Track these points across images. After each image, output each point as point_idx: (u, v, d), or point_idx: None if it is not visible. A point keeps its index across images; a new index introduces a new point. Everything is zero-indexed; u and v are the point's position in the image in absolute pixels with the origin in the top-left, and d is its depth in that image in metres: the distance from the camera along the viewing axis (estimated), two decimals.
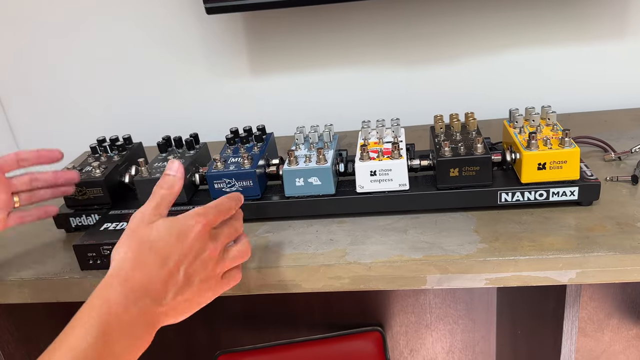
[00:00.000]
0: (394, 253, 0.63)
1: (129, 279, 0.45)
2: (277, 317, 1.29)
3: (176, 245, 0.48)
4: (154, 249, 0.47)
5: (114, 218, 0.71)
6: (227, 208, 0.55)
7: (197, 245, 0.49)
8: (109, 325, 0.42)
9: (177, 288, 0.48)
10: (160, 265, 0.47)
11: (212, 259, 0.51)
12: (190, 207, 0.61)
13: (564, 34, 1.01)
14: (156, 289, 0.46)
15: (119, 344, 0.43)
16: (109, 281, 0.45)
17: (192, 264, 0.49)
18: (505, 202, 0.68)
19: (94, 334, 0.41)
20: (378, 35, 1.04)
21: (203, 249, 0.50)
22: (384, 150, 0.71)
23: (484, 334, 1.27)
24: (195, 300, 0.51)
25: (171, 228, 0.49)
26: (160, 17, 1.06)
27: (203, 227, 0.50)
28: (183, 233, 0.49)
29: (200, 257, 0.50)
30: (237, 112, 1.13)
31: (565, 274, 0.60)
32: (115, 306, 0.43)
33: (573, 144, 0.66)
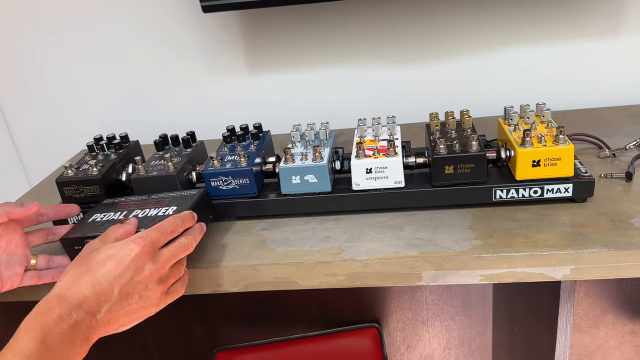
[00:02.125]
0: (389, 250, 0.64)
1: (65, 296, 0.50)
2: (274, 314, 1.30)
3: (112, 267, 0.52)
4: (90, 271, 0.52)
5: (105, 208, 0.71)
6: (172, 227, 0.58)
7: (134, 266, 0.53)
8: (49, 333, 0.46)
9: (110, 304, 0.51)
10: (93, 285, 0.51)
11: (152, 279, 0.54)
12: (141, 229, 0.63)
13: (559, 32, 1.01)
14: (89, 305, 0.50)
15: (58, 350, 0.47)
16: (49, 299, 0.50)
17: (129, 284, 0.52)
18: (499, 199, 0.69)
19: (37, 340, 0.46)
20: (373, 33, 1.05)
21: (141, 269, 0.53)
22: (379, 147, 0.72)
23: (481, 330, 1.27)
24: (135, 315, 0.54)
25: (110, 251, 0.53)
26: (156, 16, 1.06)
27: (142, 248, 0.53)
28: (120, 256, 0.53)
29: (138, 277, 0.53)
30: (233, 110, 1.13)
31: (560, 270, 0.61)
32: (53, 317, 0.48)
33: (567, 141, 0.67)
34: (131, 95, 1.14)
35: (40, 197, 0.94)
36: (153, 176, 0.73)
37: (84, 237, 0.64)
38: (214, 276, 0.66)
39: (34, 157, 1.22)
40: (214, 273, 0.66)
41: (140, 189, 0.74)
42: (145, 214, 0.67)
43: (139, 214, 0.67)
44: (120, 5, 1.06)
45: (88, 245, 0.57)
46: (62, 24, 1.09)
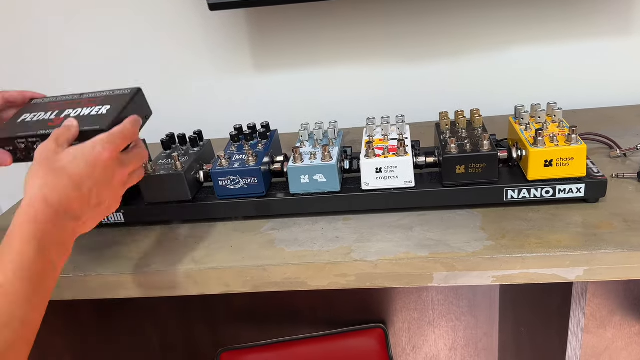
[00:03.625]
0: (400, 250, 0.63)
1: (49, 201, 0.50)
2: (280, 314, 1.29)
3: (88, 173, 0.53)
4: (67, 174, 0.52)
5: (34, 108, 0.68)
6: (131, 134, 0.60)
7: (106, 172, 0.55)
8: (43, 237, 0.48)
9: (90, 209, 0.54)
10: (74, 188, 0.52)
11: (120, 182, 0.58)
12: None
13: (569, 31, 1.00)
14: (74, 210, 0.52)
15: (52, 253, 0.48)
16: (30, 206, 0.49)
17: (103, 189, 0.55)
18: (511, 199, 0.68)
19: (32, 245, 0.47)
20: (381, 31, 1.04)
21: (113, 174, 0.56)
22: (389, 147, 0.71)
23: (487, 331, 1.27)
24: (104, 212, 0.57)
25: (82, 155, 0.54)
26: (163, 13, 1.06)
27: (110, 154, 0.55)
28: (93, 161, 0.54)
29: (111, 182, 0.56)
30: (239, 108, 1.13)
31: (573, 272, 0.60)
32: (43, 223, 0.48)
33: (580, 141, 0.66)
34: None
35: None
36: (160, 175, 0.73)
37: (14, 138, 0.62)
38: (222, 276, 0.65)
39: None
40: (223, 273, 0.65)
41: (148, 188, 0.74)
42: (77, 113, 0.65)
43: (72, 113, 0.65)
44: (126, 2, 1.06)
45: (43, 146, 0.54)
46: (67, 20, 1.09)
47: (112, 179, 0.56)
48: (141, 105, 0.68)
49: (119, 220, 0.76)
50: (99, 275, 0.67)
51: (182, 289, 0.67)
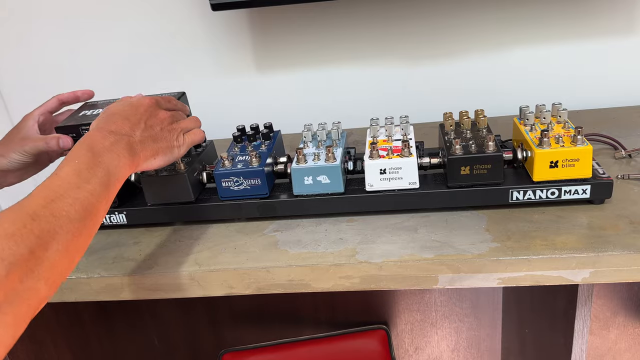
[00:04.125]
0: (405, 252, 0.63)
1: (102, 128, 0.58)
2: (282, 315, 1.29)
3: (131, 110, 0.63)
4: (116, 113, 0.62)
5: (91, 107, 0.78)
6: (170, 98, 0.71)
7: (149, 110, 0.64)
8: (94, 146, 0.55)
9: (141, 130, 0.61)
10: (124, 120, 0.61)
11: (166, 119, 0.65)
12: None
13: (572, 30, 1.00)
14: (124, 129, 0.59)
15: (105, 157, 0.54)
16: (89, 133, 0.58)
17: (149, 119, 0.63)
18: (516, 201, 0.68)
19: (84, 151, 0.54)
20: (383, 31, 1.04)
21: (156, 112, 0.65)
22: (393, 148, 0.71)
23: (490, 332, 1.26)
24: (162, 143, 0.63)
25: (125, 101, 0.65)
26: (165, 13, 1.05)
27: (150, 99, 0.66)
28: (135, 103, 0.64)
29: (155, 117, 0.64)
30: (242, 109, 1.12)
31: (579, 274, 0.60)
32: (95, 137, 0.56)
33: (585, 142, 0.65)
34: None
35: None
36: (163, 176, 0.72)
37: (78, 125, 0.72)
38: (225, 278, 0.65)
39: None
40: (226, 275, 0.65)
41: (150, 189, 0.73)
42: None
43: None
44: (128, 3, 1.05)
45: (108, 107, 0.64)
46: (70, 22, 1.08)
47: (156, 115, 0.64)
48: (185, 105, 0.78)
49: (121, 222, 0.76)
50: (102, 278, 0.67)
51: (185, 291, 0.66)
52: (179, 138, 0.66)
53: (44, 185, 0.48)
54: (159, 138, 0.63)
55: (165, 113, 0.66)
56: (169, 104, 0.70)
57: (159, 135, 0.63)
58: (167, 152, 0.64)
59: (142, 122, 0.62)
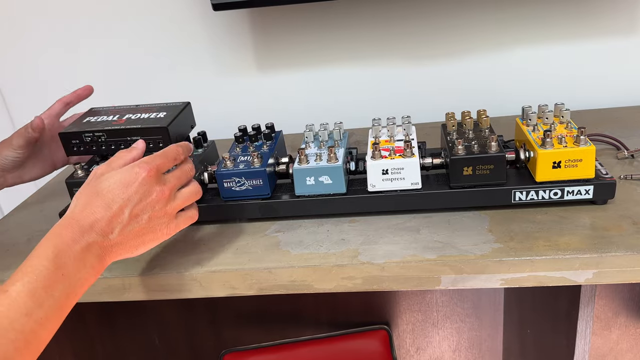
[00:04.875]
0: (407, 253, 0.62)
1: (78, 219, 0.52)
2: (283, 315, 1.28)
3: (120, 191, 0.54)
4: (100, 195, 0.54)
5: (96, 113, 0.78)
6: (174, 154, 0.60)
7: (142, 189, 0.55)
8: (60, 253, 0.49)
9: (122, 226, 0.53)
10: (105, 208, 0.53)
11: (160, 201, 0.56)
12: None
13: (574, 30, 1.00)
14: (101, 227, 0.52)
15: (69, 269, 0.49)
16: (61, 223, 0.52)
17: (138, 205, 0.54)
18: (519, 201, 0.68)
19: (47, 262, 0.48)
20: (385, 31, 1.03)
21: (149, 192, 0.55)
22: (395, 148, 0.70)
23: (491, 333, 1.26)
24: (148, 236, 0.56)
25: (117, 176, 0.55)
26: (165, 13, 1.05)
27: (148, 172, 0.55)
28: (127, 180, 0.55)
29: (147, 199, 0.55)
30: (243, 109, 1.12)
31: (582, 274, 0.60)
32: (65, 239, 0.50)
33: (588, 142, 0.65)
34: (140, 95, 1.12)
35: (47, 197, 0.93)
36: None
37: (81, 132, 0.71)
38: (228, 279, 0.65)
39: None
40: (228, 276, 0.65)
41: None
42: (138, 116, 0.74)
43: (132, 116, 0.74)
44: (129, 3, 1.05)
45: (95, 171, 0.58)
46: (70, 22, 1.08)
47: (148, 196, 0.55)
48: (189, 115, 0.79)
49: None
50: (104, 279, 0.66)
51: (187, 292, 0.66)
52: (170, 225, 0.58)
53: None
54: (144, 231, 0.55)
55: (162, 192, 0.56)
56: (174, 163, 0.60)
57: (144, 228, 0.55)
58: (150, 243, 0.57)
59: (125, 212, 0.53)
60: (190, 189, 0.61)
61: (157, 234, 0.57)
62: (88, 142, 0.74)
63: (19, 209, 0.91)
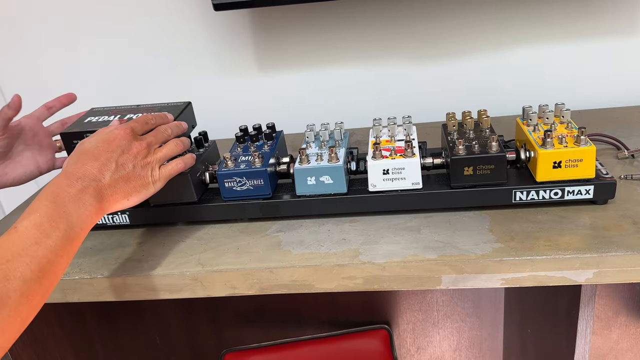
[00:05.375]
0: (408, 253, 0.63)
1: (70, 172, 0.57)
2: (283, 315, 1.29)
3: (103, 147, 0.60)
4: (86, 152, 0.59)
5: (98, 113, 0.79)
6: (144, 119, 0.67)
7: (122, 144, 0.61)
8: (58, 196, 0.53)
9: (111, 172, 0.59)
10: (93, 159, 0.58)
11: (140, 152, 0.62)
12: None
13: (575, 30, 1.00)
14: (92, 174, 0.57)
15: (69, 207, 0.53)
16: (56, 177, 0.56)
17: (121, 157, 0.60)
18: (519, 201, 0.68)
19: (47, 202, 0.52)
20: (385, 31, 1.03)
21: (129, 146, 0.61)
22: (396, 148, 0.71)
23: (491, 332, 1.26)
24: (136, 182, 0.61)
25: (98, 136, 0.62)
26: (166, 13, 1.05)
27: (124, 131, 0.62)
28: (108, 138, 0.61)
29: (128, 152, 0.61)
30: (244, 109, 1.12)
31: (582, 274, 0.60)
32: (61, 185, 0.54)
33: (589, 142, 0.65)
34: (140, 95, 1.13)
35: None
36: None
37: (82, 132, 0.72)
38: (229, 279, 0.65)
39: None
40: (229, 276, 0.65)
41: None
42: (139, 116, 0.75)
43: (133, 116, 0.74)
44: (129, 3, 1.05)
45: (81, 141, 0.63)
46: (71, 22, 1.08)
47: (129, 149, 0.61)
48: (190, 115, 0.79)
49: (124, 222, 0.76)
50: (105, 278, 0.67)
51: (188, 292, 0.66)
52: (154, 173, 0.63)
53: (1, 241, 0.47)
54: (132, 177, 0.60)
55: (139, 145, 0.62)
56: (146, 126, 0.67)
57: (131, 174, 0.60)
58: (140, 190, 0.62)
59: (112, 162, 0.59)
60: (169, 143, 0.67)
61: (144, 180, 0.62)
62: None
63: (20, 208, 0.91)
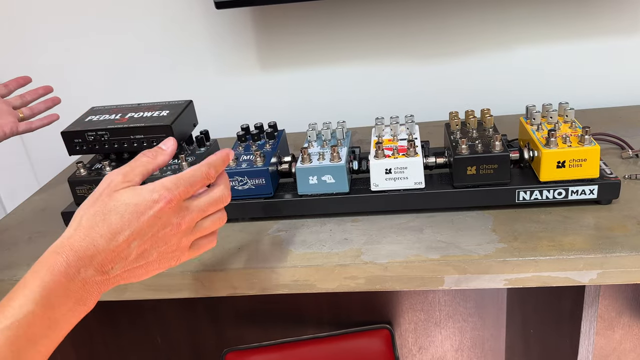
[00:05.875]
0: (410, 253, 0.62)
1: (76, 249, 0.43)
2: (285, 314, 1.28)
3: (130, 221, 0.45)
4: (107, 222, 0.44)
5: (99, 112, 0.79)
6: (203, 178, 0.49)
7: (157, 222, 0.45)
8: (51, 292, 0.41)
9: (126, 262, 0.45)
10: (109, 240, 0.44)
11: (176, 235, 0.47)
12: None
13: (578, 29, 0.99)
14: (100, 262, 0.44)
15: (59, 310, 0.42)
16: (56, 249, 0.44)
17: (148, 241, 0.46)
18: (523, 201, 0.67)
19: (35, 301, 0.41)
20: (387, 30, 1.03)
21: (164, 224, 0.46)
22: (398, 147, 0.70)
23: (494, 332, 1.26)
24: (153, 268, 0.48)
25: (131, 200, 0.45)
26: (167, 12, 1.05)
27: (167, 203, 0.46)
28: (141, 209, 0.45)
29: (160, 233, 0.46)
30: (245, 107, 1.12)
31: (586, 275, 0.59)
32: (58, 275, 0.42)
33: (593, 142, 0.65)
34: (142, 94, 1.12)
35: (49, 196, 0.93)
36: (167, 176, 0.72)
37: (84, 131, 0.72)
38: (229, 279, 0.65)
39: (43, 156, 1.20)
40: (230, 275, 0.64)
41: None
42: (140, 115, 0.75)
43: (135, 115, 0.75)
44: (130, 1, 1.05)
45: (109, 178, 0.47)
46: (73, 21, 1.08)
47: (162, 229, 0.46)
48: (191, 114, 0.79)
49: None
50: None
51: (189, 291, 0.66)
52: (181, 258, 0.49)
53: None
54: (150, 267, 0.48)
55: (178, 225, 0.47)
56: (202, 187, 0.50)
57: (151, 263, 0.47)
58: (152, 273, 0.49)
59: (133, 245, 0.45)
60: (214, 218, 0.50)
61: (163, 266, 0.49)
62: (91, 140, 0.74)
63: (21, 207, 0.91)
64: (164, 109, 0.76)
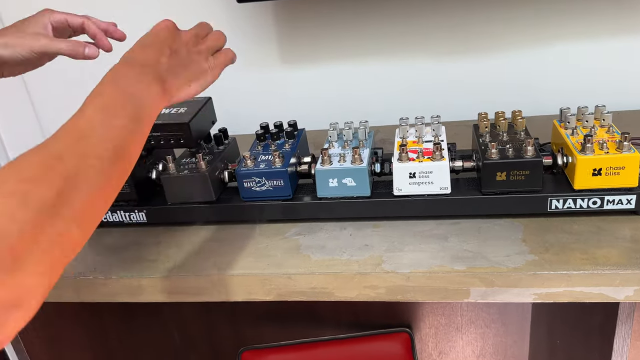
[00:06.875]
0: (434, 263, 0.59)
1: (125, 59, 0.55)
2: (303, 315, 1.26)
3: (153, 37, 0.58)
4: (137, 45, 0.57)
5: None
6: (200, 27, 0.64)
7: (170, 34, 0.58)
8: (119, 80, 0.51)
9: (167, 57, 0.56)
10: (145, 49, 0.56)
11: (190, 40, 0.60)
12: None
13: (614, 26, 0.94)
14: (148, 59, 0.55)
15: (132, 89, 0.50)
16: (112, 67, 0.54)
17: (173, 43, 0.58)
18: (555, 210, 0.64)
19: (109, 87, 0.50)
20: (413, 25, 0.99)
21: (177, 35, 0.59)
22: (424, 150, 0.67)
23: (517, 339, 1.22)
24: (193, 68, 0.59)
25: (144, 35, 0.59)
26: (188, 5, 1.03)
27: (167, 23, 0.59)
28: (154, 31, 0.59)
29: (178, 39, 0.59)
30: (265, 104, 1.10)
31: (622, 291, 0.56)
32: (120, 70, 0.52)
33: (632, 149, 0.61)
34: None
35: None
36: (184, 175, 0.70)
37: None
38: (246, 284, 0.63)
39: None
40: (247, 280, 0.62)
41: (171, 189, 0.71)
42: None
43: None
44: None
45: None
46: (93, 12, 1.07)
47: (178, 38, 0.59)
48: (210, 111, 0.78)
49: (141, 220, 0.74)
50: (121, 279, 0.65)
51: (205, 295, 0.64)
52: (209, 59, 0.61)
53: (68, 124, 0.44)
54: (188, 62, 0.59)
55: (187, 34, 0.61)
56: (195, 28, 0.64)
57: (187, 60, 0.59)
58: (200, 77, 0.59)
59: (165, 48, 0.57)
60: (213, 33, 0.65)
61: (201, 66, 0.59)
62: None
63: None
64: (182, 106, 0.74)
